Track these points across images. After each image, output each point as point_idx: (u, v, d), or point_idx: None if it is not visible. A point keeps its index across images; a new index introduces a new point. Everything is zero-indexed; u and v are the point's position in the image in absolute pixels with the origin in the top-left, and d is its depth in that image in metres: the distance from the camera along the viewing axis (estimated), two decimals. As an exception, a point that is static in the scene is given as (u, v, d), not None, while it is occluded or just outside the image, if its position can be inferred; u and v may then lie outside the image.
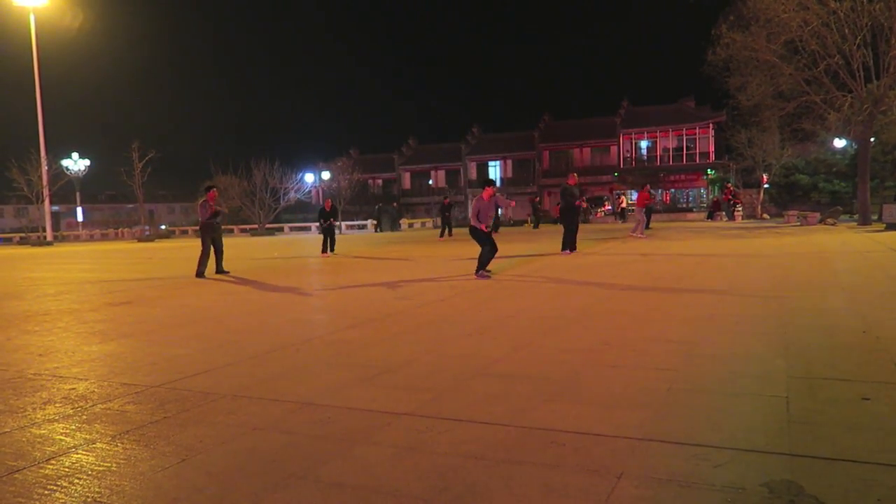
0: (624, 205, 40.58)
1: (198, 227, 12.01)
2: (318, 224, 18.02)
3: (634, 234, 19.93)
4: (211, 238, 11.60)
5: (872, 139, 24.97)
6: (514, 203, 11.00)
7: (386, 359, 4.48)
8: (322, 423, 3.16)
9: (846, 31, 20.70)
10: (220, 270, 11.68)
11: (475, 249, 9.95)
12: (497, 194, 10.03)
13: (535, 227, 31.93)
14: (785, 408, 3.09)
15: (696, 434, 2.79)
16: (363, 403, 3.43)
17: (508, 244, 18.03)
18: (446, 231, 24.26)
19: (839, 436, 2.72)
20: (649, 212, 23.74)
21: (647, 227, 24.16)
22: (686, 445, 2.66)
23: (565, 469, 2.48)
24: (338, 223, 18.94)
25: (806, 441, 2.66)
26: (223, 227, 11.84)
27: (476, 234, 9.77)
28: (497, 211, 30.64)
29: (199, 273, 11.35)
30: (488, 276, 9.48)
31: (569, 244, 13.59)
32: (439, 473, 2.49)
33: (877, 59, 21.31)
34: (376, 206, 46.09)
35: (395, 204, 50.93)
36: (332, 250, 16.97)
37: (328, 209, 17.53)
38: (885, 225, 20.43)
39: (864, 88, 21.62)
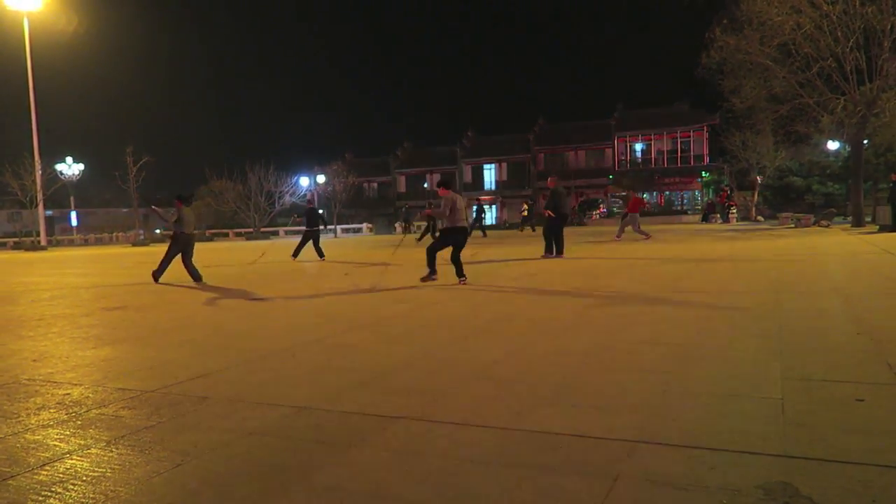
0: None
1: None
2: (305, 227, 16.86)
3: (618, 238, 19.96)
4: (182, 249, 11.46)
5: (865, 141, 25.12)
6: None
7: (382, 363, 4.47)
8: (318, 427, 3.15)
9: (839, 34, 20.83)
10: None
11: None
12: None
13: (521, 230, 31.56)
14: (780, 409, 3.10)
15: (691, 436, 2.79)
16: (359, 407, 3.43)
17: (498, 248, 18.06)
18: (477, 232, 24.42)
19: (834, 437, 2.73)
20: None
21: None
22: (681, 448, 2.67)
23: (561, 472, 2.49)
24: (323, 227, 17.48)
25: (801, 442, 2.67)
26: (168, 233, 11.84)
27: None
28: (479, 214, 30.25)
29: (156, 276, 11.45)
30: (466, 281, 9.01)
31: (549, 248, 13.54)
32: (436, 477, 2.49)
33: (869, 62, 21.45)
34: (403, 208, 45.94)
35: (429, 205, 50.62)
36: (295, 253, 16.38)
37: (311, 207, 16.73)
38: (878, 227, 20.56)
39: (857, 91, 21.76)
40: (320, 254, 16.36)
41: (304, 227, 16.90)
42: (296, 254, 16.63)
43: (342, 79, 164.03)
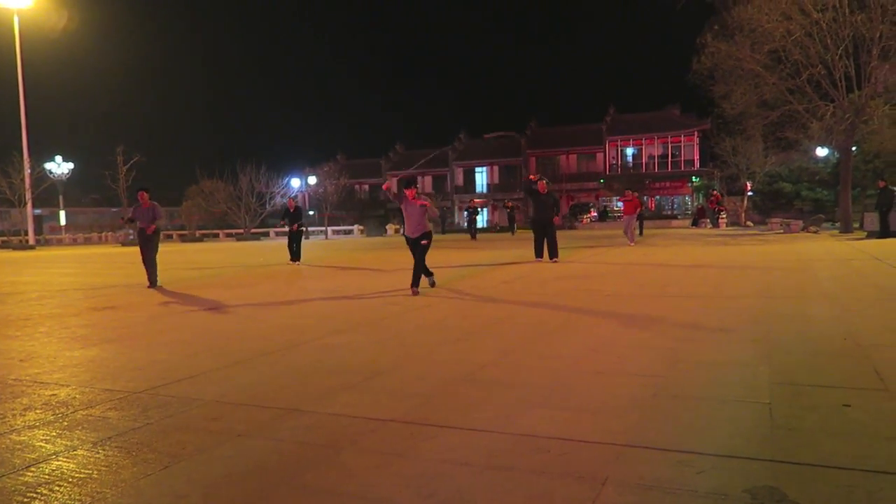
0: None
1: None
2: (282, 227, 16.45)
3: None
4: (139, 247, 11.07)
5: (854, 148, 25.35)
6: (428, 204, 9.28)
7: (372, 364, 4.47)
8: (307, 429, 3.14)
9: (828, 41, 21.03)
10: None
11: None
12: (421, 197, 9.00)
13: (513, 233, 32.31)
14: (768, 414, 3.12)
15: (680, 440, 2.80)
16: (349, 409, 3.42)
17: (485, 251, 18.08)
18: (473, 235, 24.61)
19: (821, 442, 2.74)
20: (641, 218, 23.60)
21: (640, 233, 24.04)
22: (670, 452, 2.68)
23: (550, 475, 2.49)
24: (304, 228, 17.28)
25: (789, 447, 2.69)
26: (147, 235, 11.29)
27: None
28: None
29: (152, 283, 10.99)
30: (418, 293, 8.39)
31: (538, 252, 13.66)
32: (425, 480, 2.49)
33: (858, 70, 21.66)
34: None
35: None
36: (297, 258, 15.76)
37: (292, 210, 16.36)
38: (866, 233, 20.72)
39: (846, 98, 21.96)
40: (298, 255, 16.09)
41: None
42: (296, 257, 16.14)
43: (334, 80, 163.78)
